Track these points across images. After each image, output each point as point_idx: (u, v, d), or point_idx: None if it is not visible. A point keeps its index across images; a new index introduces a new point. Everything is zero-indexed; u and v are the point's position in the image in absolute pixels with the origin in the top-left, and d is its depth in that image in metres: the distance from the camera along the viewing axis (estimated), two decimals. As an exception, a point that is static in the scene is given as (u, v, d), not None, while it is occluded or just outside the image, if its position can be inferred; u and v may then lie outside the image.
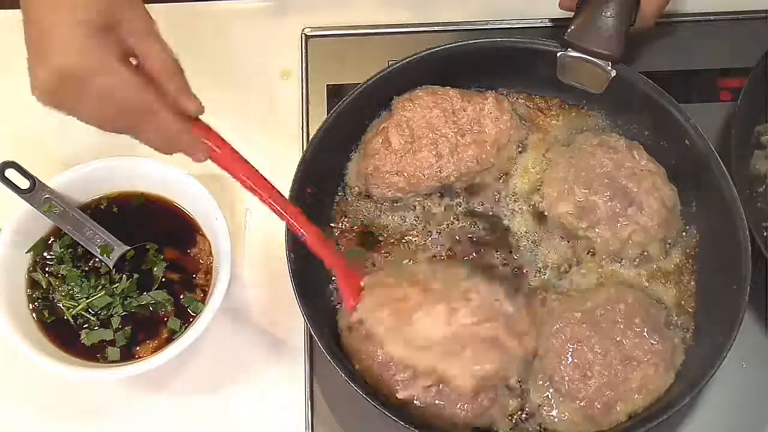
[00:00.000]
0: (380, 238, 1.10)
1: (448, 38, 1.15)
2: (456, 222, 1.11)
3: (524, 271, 1.08)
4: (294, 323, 1.09)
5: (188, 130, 0.84)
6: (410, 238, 1.10)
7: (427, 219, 1.10)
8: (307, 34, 1.26)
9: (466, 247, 1.09)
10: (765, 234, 1.07)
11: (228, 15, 1.29)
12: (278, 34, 1.27)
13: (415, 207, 1.11)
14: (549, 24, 1.26)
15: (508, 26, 1.26)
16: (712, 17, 1.27)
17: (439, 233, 1.10)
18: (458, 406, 0.96)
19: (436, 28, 1.27)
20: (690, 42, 1.26)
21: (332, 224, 1.10)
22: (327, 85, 1.22)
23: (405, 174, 1.09)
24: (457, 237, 1.10)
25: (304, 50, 1.25)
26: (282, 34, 1.26)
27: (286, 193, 0.98)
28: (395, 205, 1.11)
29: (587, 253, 1.08)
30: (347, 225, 1.10)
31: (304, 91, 1.22)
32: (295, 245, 0.99)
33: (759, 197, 1.11)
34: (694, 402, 1.05)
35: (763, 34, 1.23)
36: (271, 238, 1.11)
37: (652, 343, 0.99)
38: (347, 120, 1.09)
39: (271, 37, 1.27)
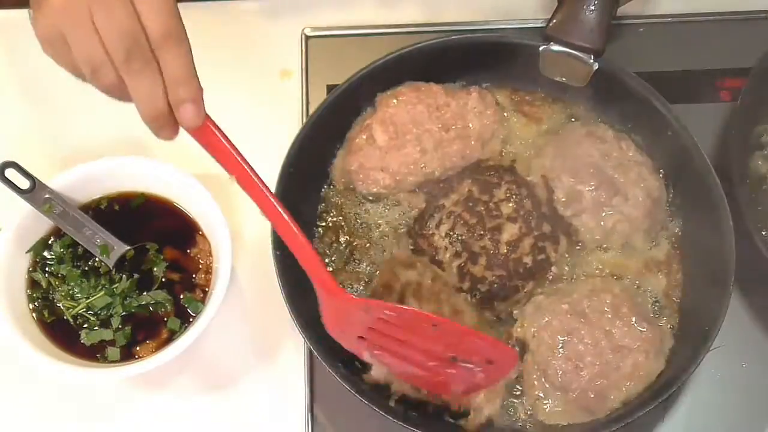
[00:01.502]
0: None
1: (447, 38, 1.15)
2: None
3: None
4: (294, 323, 1.09)
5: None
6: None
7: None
8: (307, 34, 1.26)
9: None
10: (765, 234, 1.07)
11: (228, 15, 1.29)
12: (278, 34, 1.27)
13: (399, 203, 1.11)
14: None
15: (508, 26, 1.27)
16: (711, 17, 1.28)
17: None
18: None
19: (436, 28, 1.27)
20: (690, 42, 1.26)
21: (318, 223, 1.10)
22: (327, 85, 1.22)
23: (390, 170, 1.09)
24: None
25: (304, 50, 1.25)
26: (282, 34, 1.26)
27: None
28: (379, 201, 1.11)
29: (572, 243, 1.08)
30: (332, 222, 1.11)
31: (304, 91, 1.22)
32: (282, 244, 0.98)
33: (759, 198, 1.11)
34: (693, 402, 1.06)
35: (763, 34, 1.23)
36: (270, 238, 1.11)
37: (641, 331, 1.00)
38: (331, 117, 1.09)
39: (271, 37, 1.27)
